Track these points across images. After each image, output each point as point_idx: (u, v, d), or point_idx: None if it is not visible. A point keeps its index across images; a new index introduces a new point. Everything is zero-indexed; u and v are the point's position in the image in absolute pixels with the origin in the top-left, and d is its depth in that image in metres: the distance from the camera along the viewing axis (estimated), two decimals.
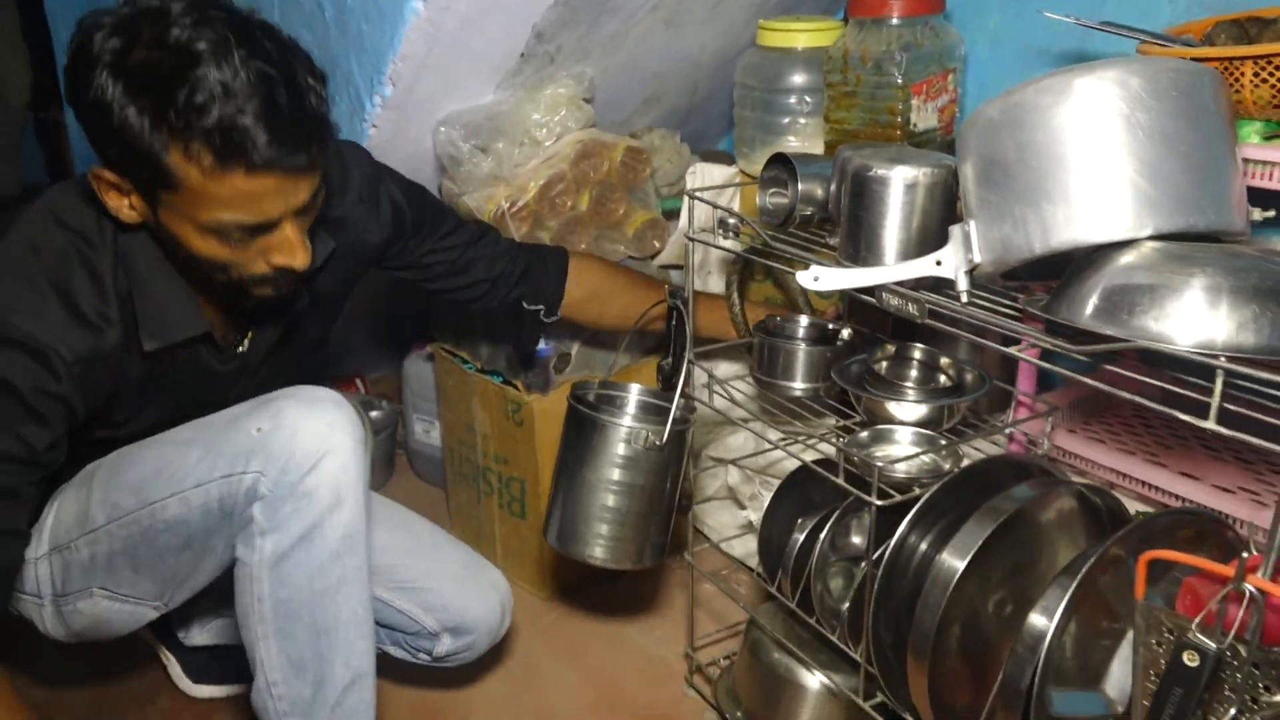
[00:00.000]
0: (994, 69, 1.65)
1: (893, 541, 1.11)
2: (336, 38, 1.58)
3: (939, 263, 1.01)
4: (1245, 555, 0.74)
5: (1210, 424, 0.77)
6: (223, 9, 1.01)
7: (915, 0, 1.44)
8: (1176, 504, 1.21)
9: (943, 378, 1.30)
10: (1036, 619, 1.01)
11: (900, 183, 1.08)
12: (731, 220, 1.28)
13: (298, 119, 1.01)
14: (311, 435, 1.11)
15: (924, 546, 1.14)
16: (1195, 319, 0.81)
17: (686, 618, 1.56)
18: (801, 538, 1.33)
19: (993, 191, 0.96)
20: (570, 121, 1.68)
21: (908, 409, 1.24)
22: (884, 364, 1.32)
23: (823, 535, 1.27)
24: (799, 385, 1.38)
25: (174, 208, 1.03)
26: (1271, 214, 0.98)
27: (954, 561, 1.06)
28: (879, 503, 1.10)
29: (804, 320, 1.45)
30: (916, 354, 1.34)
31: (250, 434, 1.12)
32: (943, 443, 1.20)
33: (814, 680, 1.34)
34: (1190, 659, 0.76)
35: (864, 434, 1.23)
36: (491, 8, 1.47)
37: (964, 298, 1.00)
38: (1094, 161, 0.89)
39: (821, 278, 1.04)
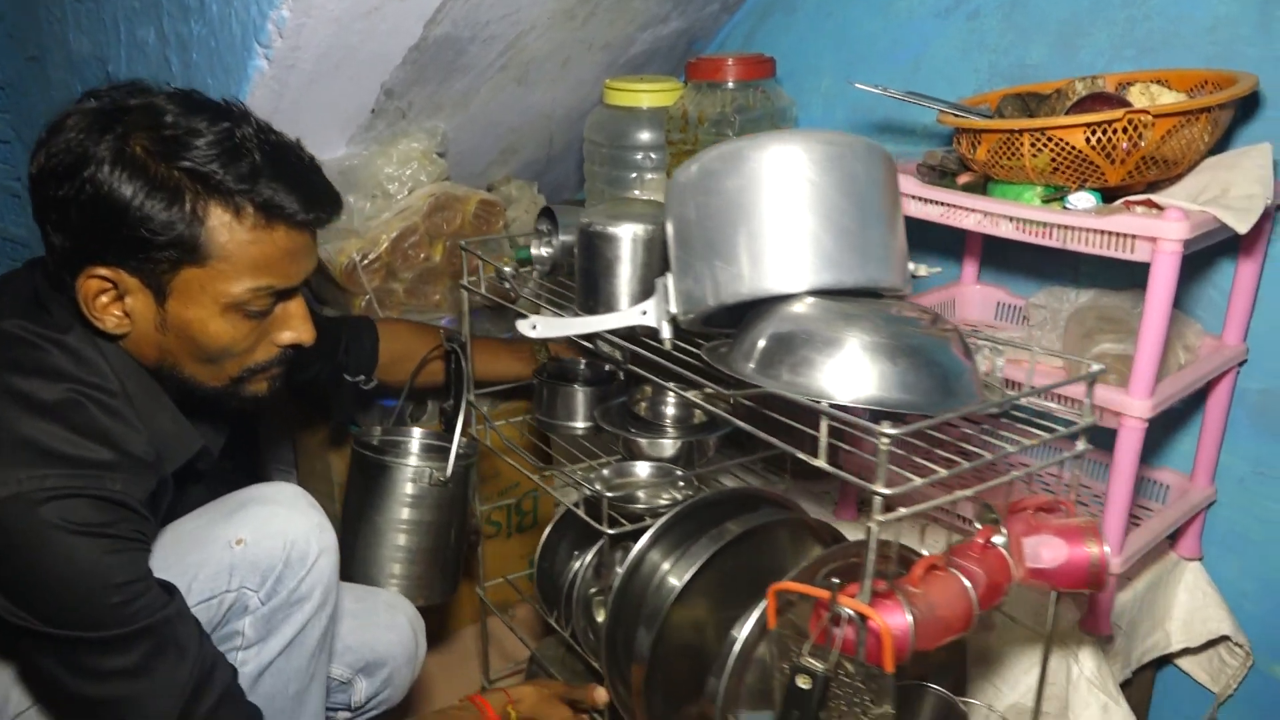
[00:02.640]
0: (827, 128, 1.76)
1: (625, 567, 1.18)
2: None
3: (644, 312, 1.09)
4: (837, 581, 0.81)
5: (820, 462, 0.85)
6: (196, 94, 1.01)
7: (747, 66, 1.55)
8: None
9: (698, 415, 1.38)
10: (731, 635, 1.08)
11: (624, 238, 1.16)
12: (506, 269, 1.36)
13: (319, 178, 1.04)
14: (303, 538, 1.07)
15: (662, 569, 1.21)
16: (844, 372, 0.88)
17: (480, 654, 1.60)
18: (576, 568, 1.40)
19: (682, 248, 1.04)
20: (423, 175, 1.74)
21: (661, 445, 1.32)
22: (643, 404, 1.40)
23: (584, 565, 1.34)
24: (579, 425, 1.44)
25: (195, 289, 0.98)
26: (939, 270, 1.08)
27: (673, 581, 1.13)
28: (610, 531, 1.18)
29: (583, 363, 1.53)
30: (673, 394, 1.42)
31: (228, 548, 1.04)
32: (678, 473, 1.28)
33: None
34: (803, 682, 0.83)
35: (606, 470, 1.30)
36: (339, 66, 1.52)
37: (667, 345, 1.09)
38: (759, 223, 0.97)
39: (539, 326, 1.11)
